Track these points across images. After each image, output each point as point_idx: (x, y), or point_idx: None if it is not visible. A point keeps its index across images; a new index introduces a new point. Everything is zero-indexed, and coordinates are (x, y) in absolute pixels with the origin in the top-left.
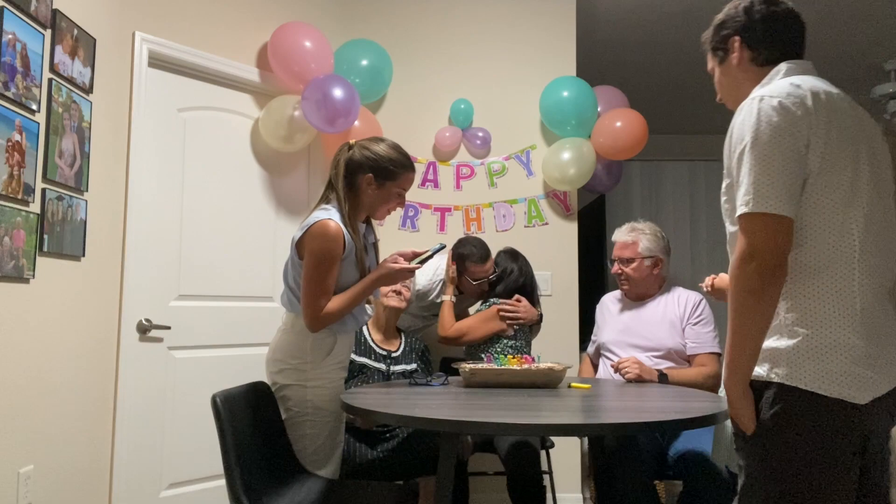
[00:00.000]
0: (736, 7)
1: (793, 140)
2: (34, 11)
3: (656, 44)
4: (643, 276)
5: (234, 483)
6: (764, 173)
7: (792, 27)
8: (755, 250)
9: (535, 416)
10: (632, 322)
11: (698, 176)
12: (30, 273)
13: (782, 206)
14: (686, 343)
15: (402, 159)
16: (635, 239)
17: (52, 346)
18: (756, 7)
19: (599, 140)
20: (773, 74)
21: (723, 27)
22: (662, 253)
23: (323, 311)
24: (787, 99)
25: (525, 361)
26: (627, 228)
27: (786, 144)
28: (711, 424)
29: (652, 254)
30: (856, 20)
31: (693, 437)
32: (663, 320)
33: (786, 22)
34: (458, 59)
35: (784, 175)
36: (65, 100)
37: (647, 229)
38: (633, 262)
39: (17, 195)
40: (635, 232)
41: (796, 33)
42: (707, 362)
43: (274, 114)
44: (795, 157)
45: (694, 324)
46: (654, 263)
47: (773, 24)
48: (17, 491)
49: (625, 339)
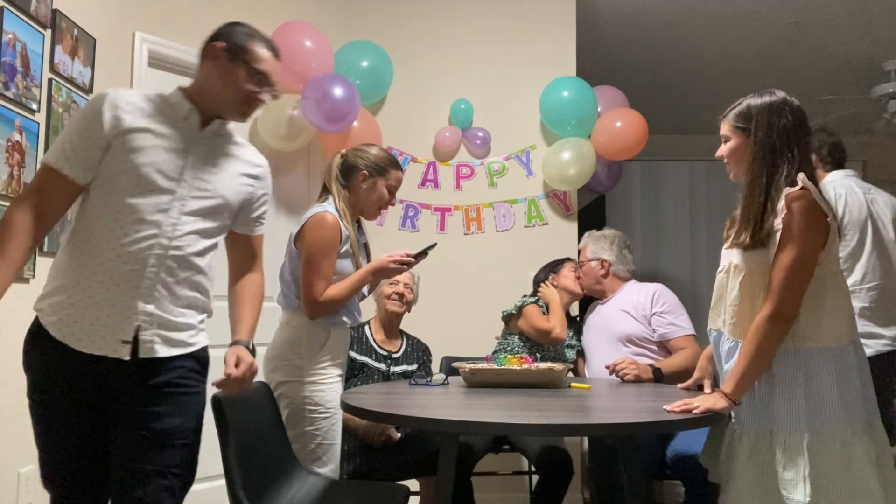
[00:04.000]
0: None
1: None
2: (34, 11)
3: (656, 44)
4: (592, 276)
5: (233, 483)
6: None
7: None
8: (783, 313)
9: (536, 416)
10: (599, 321)
11: (698, 176)
12: (30, 273)
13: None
14: (656, 330)
15: (391, 158)
16: (584, 244)
17: None
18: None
19: (599, 140)
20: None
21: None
22: (608, 254)
23: (322, 296)
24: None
25: (525, 361)
26: (585, 236)
27: None
28: (711, 425)
29: (596, 255)
30: (856, 21)
31: (691, 438)
32: (619, 311)
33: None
34: (458, 59)
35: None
36: (65, 100)
37: (596, 234)
38: (584, 266)
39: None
40: (586, 238)
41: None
42: (686, 344)
43: (272, 113)
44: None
45: (660, 313)
46: (600, 264)
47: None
48: (17, 491)
49: (595, 337)
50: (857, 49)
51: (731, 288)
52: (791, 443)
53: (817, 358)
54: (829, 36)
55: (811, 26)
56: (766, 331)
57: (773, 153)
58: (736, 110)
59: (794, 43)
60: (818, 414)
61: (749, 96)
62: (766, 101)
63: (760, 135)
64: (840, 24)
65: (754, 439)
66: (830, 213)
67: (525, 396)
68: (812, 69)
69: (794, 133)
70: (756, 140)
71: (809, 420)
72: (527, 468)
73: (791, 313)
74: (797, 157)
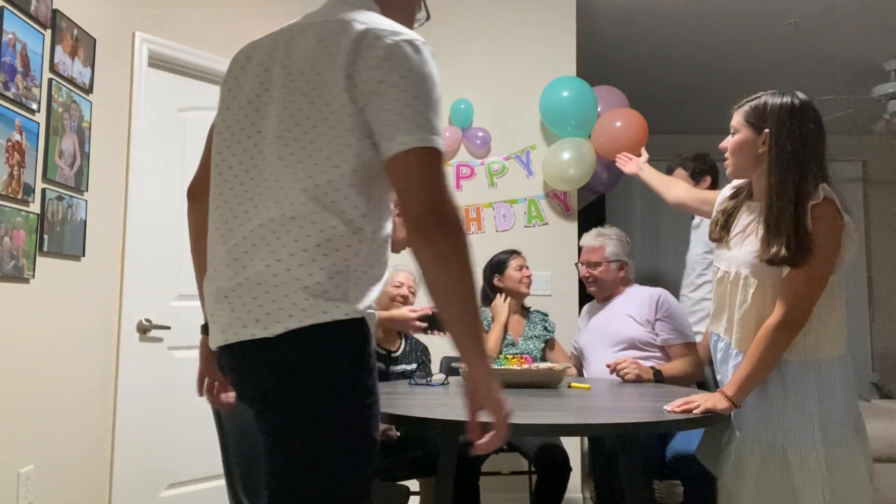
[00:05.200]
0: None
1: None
2: (34, 11)
3: (656, 43)
4: (611, 278)
5: (233, 483)
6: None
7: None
8: (796, 320)
9: (536, 416)
10: (600, 323)
11: None
12: (30, 273)
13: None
14: (658, 335)
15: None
16: (602, 244)
17: (52, 346)
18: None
19: (599, 140)
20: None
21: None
22: (627, 256)
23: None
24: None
25: (525, 361)
26: (595, 234)
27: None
28: (711, 425)
29: (618, 258)
30: (856, 21)
31: (691, 438)
32: (622, 314)
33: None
34: (458, 59)
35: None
36: (65, 100)
37: (613, 234)
38: (601, 266)
39: (17, 195)
40: (602, 237)
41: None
42: (688, 351)
43: None
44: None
45: (664, 318)
46: (620, 266)
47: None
48: (17, 491)
49: (596, 339)
50: (857, 49)
51: (741, 301)
52: (807, 456)
53: (828, 369)
54: (829, 36)
55: (811, 26)
56: (776, 337)
57: (798, 161)
58: (752, 104)
59: (794, 43)
60: (832, 426)
61: (769, 93)
62: (788, 102)
63: (782, 138)
64: (840, 24)
65: (763, 452)
66: (851, 222)
67: (525, 396)
68: (812, 69)
69: (816, 141)
70: (777, 144)
71: (823, 432)
72: (527, 468)
73: (803, 320)
74: (819, 166)
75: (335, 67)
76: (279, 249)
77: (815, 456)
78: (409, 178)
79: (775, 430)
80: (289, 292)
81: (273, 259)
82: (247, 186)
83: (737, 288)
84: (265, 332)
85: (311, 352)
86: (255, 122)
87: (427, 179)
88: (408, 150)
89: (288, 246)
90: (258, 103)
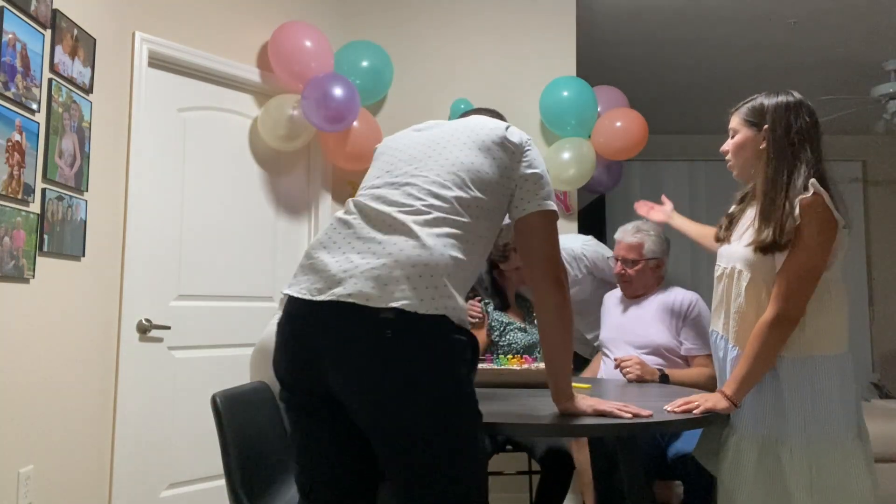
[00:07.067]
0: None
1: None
2: (34, 11)
3: (656, 43)
4: (646, 277)
5: (233, 483)
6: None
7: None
8: (789, 316)
9: (536, 417)
10: (627, 320)
11: (698, 176)
12: (30, 273)
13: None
14: (683, 343)
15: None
16: (641, 240)
17: (52, 346)
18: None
19: (599, 140)
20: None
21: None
22: (665, 254)
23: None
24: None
25: (525, 361)
26: (633, 229)
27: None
28: (711, 425)
29: (656, 255)
30: (856, 21)
31: (692, 438)
32: (655, 318)
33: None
34: (458, 59)
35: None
36: (65, 100)
37: (652, 230)
38: (638, 264)
39: (17, 195)
40: (641, 233)
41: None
42: (707, 363)
43: (272, 113)
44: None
45: (691, 325)
46: (657, 265)
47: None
48: (17, 491)
49: (620, 336)
50: (857, 49)
51: (735, 294)
52: (797, 450)
53: (822, 366)
54: (830, 36)
55: (811, 26)
56: (769, 333)
57: (793, 152)
58: (749, 105)
59: (794, 43)
60: (823, 422)
61: (763, 94)
62: (783, 100)
63: (779, 132)
64: (840, 24)
65: (760, 447)
66: (841, 218)
67: (525, 396)
68: (812, 69)
69: (810, 134)
70: (775, 138)
71: (814, 427)
72: (527, 468)
73: (796, 317)
74: (813, 158)
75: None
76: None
77: (803, 454)
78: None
79: (770, 426)
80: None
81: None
82: None
83: (732, 282)
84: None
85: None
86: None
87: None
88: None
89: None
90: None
